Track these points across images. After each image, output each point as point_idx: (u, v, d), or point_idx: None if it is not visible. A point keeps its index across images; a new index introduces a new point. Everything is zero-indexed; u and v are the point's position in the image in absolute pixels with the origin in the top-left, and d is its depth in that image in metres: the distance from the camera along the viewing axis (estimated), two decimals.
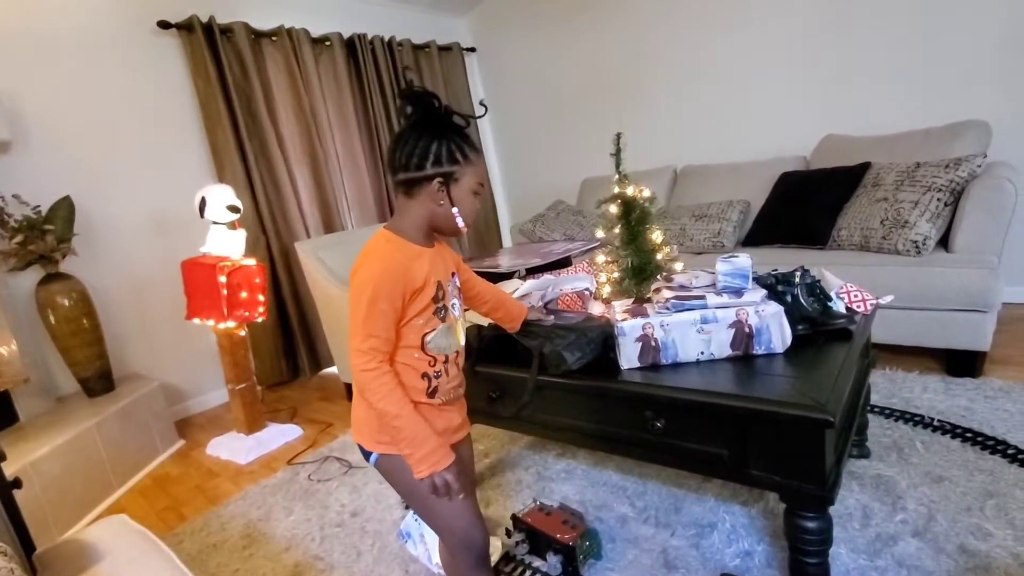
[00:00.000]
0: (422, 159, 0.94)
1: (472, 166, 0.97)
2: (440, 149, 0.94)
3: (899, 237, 2.07)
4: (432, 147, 0.93)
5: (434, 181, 0.94)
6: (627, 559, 1.35)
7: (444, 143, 0.94)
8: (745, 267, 1.21)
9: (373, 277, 0.91)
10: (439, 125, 0.95)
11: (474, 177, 0.98)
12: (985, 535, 1.26)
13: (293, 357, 3.20)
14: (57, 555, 1.03)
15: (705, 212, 2.74)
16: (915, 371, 2.04)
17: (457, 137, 0.96)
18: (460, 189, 0.96)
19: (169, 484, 2.20)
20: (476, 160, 0.98)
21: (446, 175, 0.95)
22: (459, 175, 0.96)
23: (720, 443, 1.11)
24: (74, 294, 2.27)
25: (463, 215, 0.98)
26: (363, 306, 0.90)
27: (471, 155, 0.97)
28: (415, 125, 0.95)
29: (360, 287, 0.92)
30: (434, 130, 0.95)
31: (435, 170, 0.94)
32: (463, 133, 0.97)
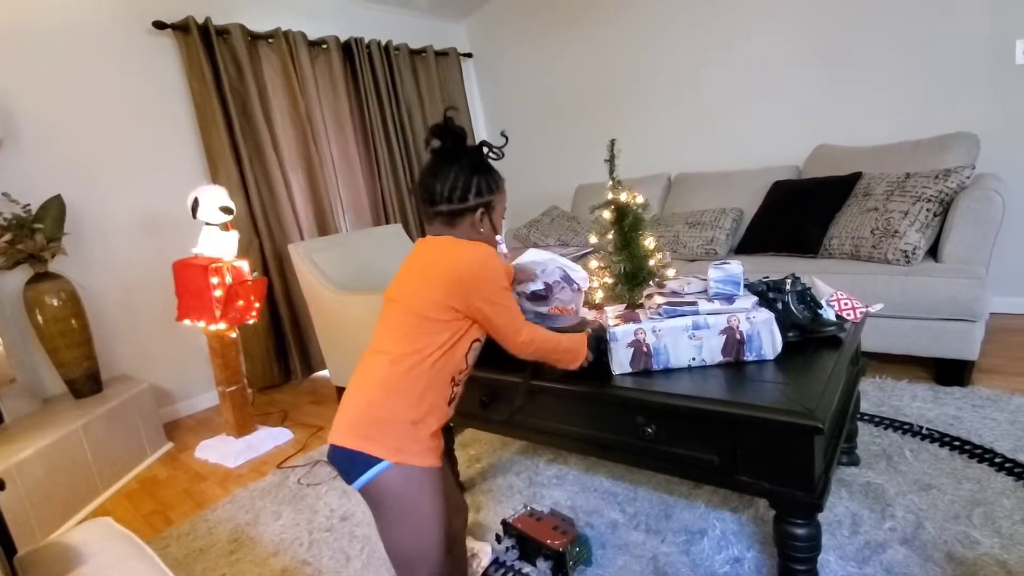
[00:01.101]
0: (465, 191, 1.02)
1: (502, 193, 1.09)
2: (481, 182, 1.03)
3: (889, 246, 2.09)
4: (474, 180, 1.02)
5: (477, 211, 1.04)
6: (617, 565, 1.35)
7: (483, 176, 1.04)
8: (737, 274, 1.21)
9: (496, 267, 1.01)
10: (476, 158, 1.04)
11: (503, 203, 1.10)
12: (972, 543, 1.26)
13: (285, 360, 3.18)
14: (39, 558, 1.02)
15: (698, 220, 2.76)
16: (904, 379, 2.06)
17: (491, 168, 1.06)
18: (496, 215, 1.08)
19: (156, 487, 2.17)
20: (503, 187, 1.10)
21: (486, 204, 1.05)
22: (495, 203, 1.07)
23: (710, 449, 1.11)
24: (63, 294, 2.25)
25: (495, 235, 1.10)
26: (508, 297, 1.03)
27: (501, 184, 1.09)
28: (451, 159, 1.03)
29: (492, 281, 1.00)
30: (472, 163, 1.03)
31: (477, 201, 1.03)
32: (492, 164, 1.07)
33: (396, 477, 0.94)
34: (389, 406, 0.96)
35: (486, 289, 0.98)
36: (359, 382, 1.02)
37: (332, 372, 2.67)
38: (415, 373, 0.97)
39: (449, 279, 0.98)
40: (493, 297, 0.98)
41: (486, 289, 0.98)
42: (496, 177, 1.07)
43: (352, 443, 0.95)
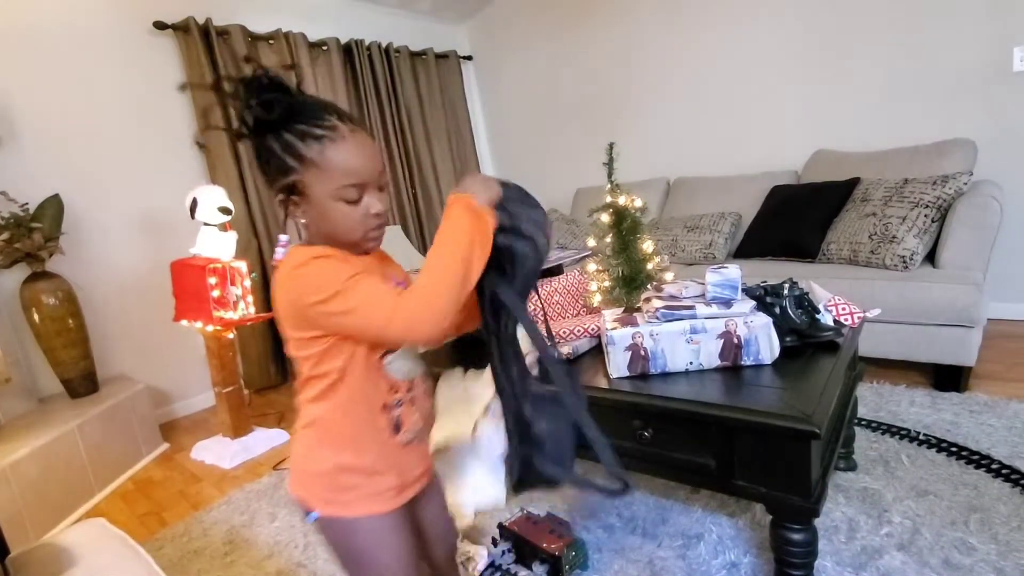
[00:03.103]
0: (263, 169, 0.73)
1: (319, 165, 0.69)
2: (273, 148, 0.70)
3: (887, 252, 2.10)
4: (263, 148, 0.71)
5: (279, 197, 0.73)
6: (613, 569, 1.34)
7: (276, 138, 0.70)
8: (734, 278, 1.21)
9: (310, 269, 0.69)
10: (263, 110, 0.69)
11: (332, 178, 0.70)
12: (969, 549, 1.26)
13: (281, 361, 3.17)
14: (31, 559, 1.01)
15: (697, 224, 2.76)
16: (902, 385, 2.06)
17: (303, 122, 0.70)
18: (318, 195, 0.71)
19: (151, 488, 2.16)
20: (316, 156, 0.69)
21: (290, 186, 0.71)
22: (309, 180, 0.70)
23: (707, 453, 1.11)
24: (60, 293, 2.24)
25: (335, 233, 0.73)
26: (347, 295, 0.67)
27: (311, 152, 0.69)
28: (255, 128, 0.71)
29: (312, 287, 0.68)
30: (257, 122, 0.70)
31: (277, 180, 0.72)
32: (302, 111, 0.70)
33: (329, 529, 0.82)
34: (312, 454, 0.80)
35: (312, 302, 0.68)
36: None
37: None
38: (327, 415, 0.78)
39: (279, 307, 0.73)
40: (329, 307, 0.67)
41: (312, 302, 0.68)
42: (300, 144, 0.69)
43: (291, 487, 0.84)
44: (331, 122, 0.70)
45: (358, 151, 0.71)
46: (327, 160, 0.69)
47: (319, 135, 0.69)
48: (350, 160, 0.71)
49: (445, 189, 4.05)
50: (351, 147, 0.71)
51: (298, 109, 0.70)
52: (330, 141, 0.69)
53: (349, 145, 0.71)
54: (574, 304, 1.64)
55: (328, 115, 0.71)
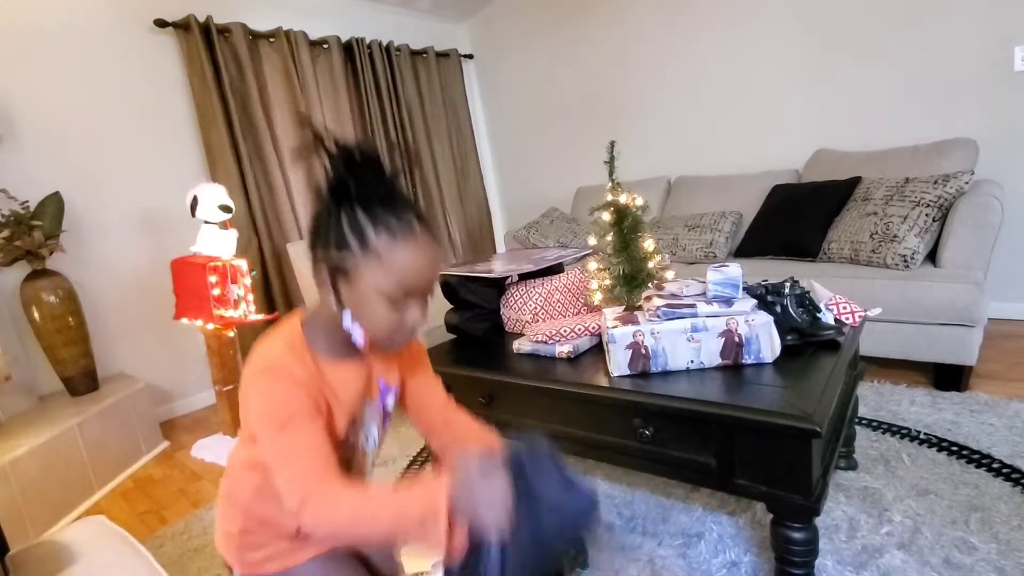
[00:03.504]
0: (313, 229, 0.69)
1: (381, 262, 0.65)
2: (339, 223, 0.66)
3: (888, 251, 2.09)
4: (327, 217, 0.67)
5: (322, 270, 0.68)
6: (614, 568, 1.34)
7: (348, 215, 0.66)
8: (735, 277, 1.21)
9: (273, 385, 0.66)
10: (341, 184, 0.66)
11: (385, 278, 0.65)
12: (970, 549, 1.26)
13: None
14: (31, 556, 1.01)
15: (698, 223, 2.76)
16: (902, 384, 2.06)
17: (380, 208, 0.66)
18: (360, 289, 0.67)
19: (151, 486, 2.16)
20: (384, 252, 0.65)
21: (336, 267, 0.67)
22: (356, 270, 0.66)
23: (708, 452, 1.10)
24: (60, 291, 2.24)
25: (367, 327, 0.69)
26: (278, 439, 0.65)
27: (380, 244, 0.65)
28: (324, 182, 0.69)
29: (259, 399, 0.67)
30: (335, 192, 0.67)
31: (322, 253, 0.68)
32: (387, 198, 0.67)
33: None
34: (224, 511, 0.79)
35: (251, 406, 0.67)
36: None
37: None
38: (245, 482, 0.76)
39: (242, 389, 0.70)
40: (263, 436, 0.66)
41: (251, 406, 0.67)
42: (371, 228, 0.65)
43: (217, 545, 0.82)
44: (409, 219, 0.67)
45: (423, 258, 0.67)
46: (390, 256, 0.65)
47: (393, 228, 0.65)
48: (412, 264, 0.66)
49: (446, 187, 4.05)
50: (418, 251, 0.67)
51: (383, 193, 0.66)
52: (401, 239, 0.65)
53: (417, 249, 0.67)
54: (575, 302, 1.64)
55: (408, 211, 0.67)
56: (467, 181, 4.26)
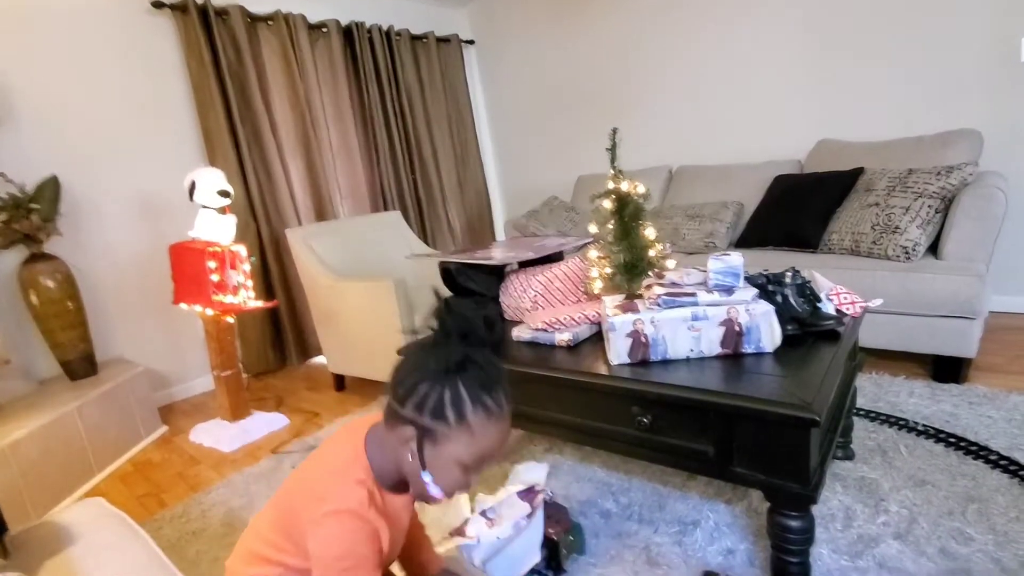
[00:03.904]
0: (408, 392, 0.71)
1: (469, 434, 0.70)
2: (439, 395, 0.69)
3: (889, 242, 2.08)
4: (428, 386, 0.70)
5: (408, 430, 0.72)
6: (610, 555, 1.35)
7: (449, 390, 0.69)
8: (737, 266, 1.20)
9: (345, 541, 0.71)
10: (458, 360, 0.69)
11: (470, 449, 0.71)
12: (966, 539, 1.27)
13: (280, 345, 3.18)
14: (31, 537, 1.01)
15: (699, 212, 2.75)
16: (901, 376, 2.06)
17: (478, 389, 0.70)
18: (441, 456, 0.71)
19: (150, 470, 2.17)
20: (478, 427, 0.70)
21: (427, 431, 0.70)
22: (445, 439, 0.70)
23: (706, 440, 1.10)
24: (58, 275, 2.23)
25: (440, 483, 0.73)
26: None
27: (476, 420, 0.69)
28: (435, 342, 0.72)
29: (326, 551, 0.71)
30: (446, 363, 0.69)
31: (414, 416, 0.70)
32: (483, 387, 0.70)
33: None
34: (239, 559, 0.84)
35: (322, 536, 0.71)
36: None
37: (328, 359, 2.66)
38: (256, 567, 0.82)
39: (291, 504, 0.78)
40: (322, 553, 0.71)
41: (322, 536, 0.71)
42: (466, 405, 0.69)
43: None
44: (501, 399, 0.72)
45: (503, 437, 0.74)
46: (481, 434, 0.70)
47: (489, 409, 0.70)
48: (497, 440, 0.73)
49: (445, 174, 4.03)
50: (502, 431, 0.73)
51: (490, 378, 0.71)
52: (495, 420, 0.71)
53: (502, 428, 0.73)
54: (575, 291, 1.63)
55: (501, 390, 0.72)
56: (467, 168, 4.23)
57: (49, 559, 0.93)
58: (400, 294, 2.11)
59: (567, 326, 1.40)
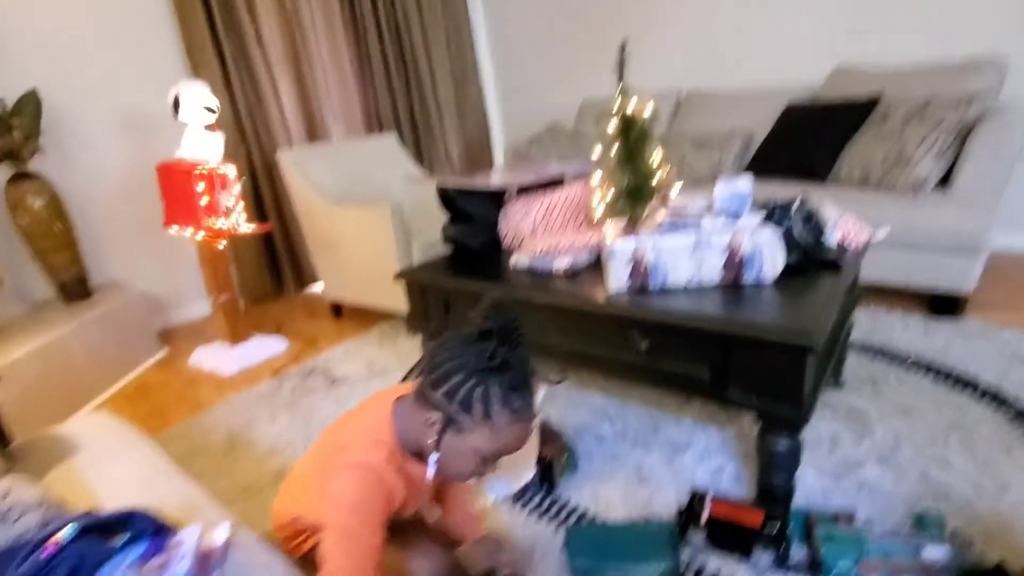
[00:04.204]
0: (441, 379, 0.73)
1: (492, 430, 0.72)
2: (470, 389, 0.71)
3: (900, 175, 2.03)
4: (463, 378, 0.71)
5: (435, 415, 0.74)
6: (603, 473, 1.39)
7: (482, 386, 0.71)
8: (744, 191, 1.17)
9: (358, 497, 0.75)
10: (496, 362, 0.71)
11: (490, 445, 0.74)
12: (947, 465, 1.31)
13: (277, 272, 3.16)
14: (35, 447, 1.03)
15: (706, 141, 2.65)
16: (897, 310, 2.07)
17: (509, 389, 0.71)
18: (461, 447, 0.75)
19: (151, 391, 2.21)
20: (504, 427, 0.72)
21: (451, 421, 0.73)
22: (469, 432, 0.73)
23: (703, 365, 1.11)
24: (45, 195, 2.16)
25: (446, 467, 0.78)
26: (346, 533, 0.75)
27: (502, 420, 0.72)
28: (478, 338, 0.72)
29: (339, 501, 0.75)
30: (484, 362, 0.71)
31: (444, 401, 0.73)
32: (517, 387, 0.72)
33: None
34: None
35: (335, 487, 0.75)
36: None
37: (326, 286, 2.65)
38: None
39: (323, 457, 0.84)
40: (333, 501, 0.75)
41: (335, 487, 0.75)
42: (493, 404, 0.71)
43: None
44: (528, 402, 0.74)
45: (525, 437, 0.76)
46: (504, 432, 0.73)
47: (516, 410, 0.72)
48: (518, 440, 0.76)
49: (443, 99, 3.85)
50: (524, 431, 0.75)
51: (522, 381, 0.73)
52: (518, 421, 0.73)
53: (524, 429, 0.75)
54: (575, 218, 1.60)
55: (530, 395, 0.74)
56: (465, 93, 4.04)
57: (55, 467, 0.95)
58: (397, 220, 2.06)
59: (566, 253, 1.38)
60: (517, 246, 1.58)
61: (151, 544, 0.69)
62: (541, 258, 1.39)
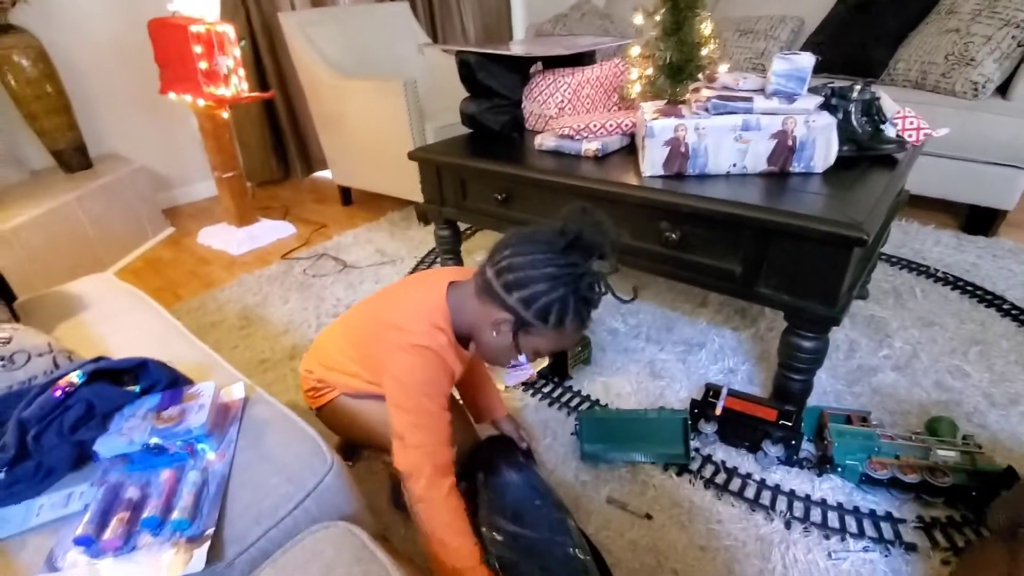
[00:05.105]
0: (517, 284, 0.71)
1: (558, 333, 0.74)
2: (546, 296, 0.70)
3: (959, 76, 1.86)
4: (539, 286, 0.70)
5: (504, 315, 0.74)
6: (615, 367, 1.39)
7: (557, 295, 0.70)
8: (805, 68, 1.04)
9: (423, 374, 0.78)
10: (574, 275, 0.70)
11: (551, 345, 0.78)
12: (963, 375, 1.30)
13: (283, 154, 3.02)
14: (40, 304, 1.01)
15: (752, 27, 2.41)
16: (931, 225, 1.98)
17: (579, 303, 0.71)
18: (525, 346, 0.78)
19: (162, 267, 2.19)
20: (568, 332, 0.75)
21: (523, 324, 0.74)
22: (537, 335, 0.75)
23: (735, 259, 1.05)
24: (31, 51, 2.00)
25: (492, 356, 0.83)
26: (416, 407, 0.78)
27: (570, 328, 0.73)
28: (561, 247, 0.70)
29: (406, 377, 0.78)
30: (563, 274, 0.70)
31: (518, 306, 0.72)
32: (586, 301, 0.73)
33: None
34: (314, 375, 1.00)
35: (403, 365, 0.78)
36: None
37: (333, 170, 2.54)
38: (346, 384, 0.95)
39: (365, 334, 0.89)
40: (402, 381, 0.78)
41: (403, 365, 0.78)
42: (569, 315, 0.71)
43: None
44: (593, 312, 0.75)
45: (580, 335, 0.82)
46: (569, 337, 0.77)
47: (584, 321, 0.74)
48: (573, 341, 0.83)
49: None
50: (581, 334, 0.84)
51: (598, 291, 0.73)
52: (582, 328, 0.76)
53: (581, 332, 0.78)
54: (606, 99, 1.47)
55: (594, 308, 0.75)
56: None
57: (62, 322, 0.93)
58: (410, 97, 1.91)
59: (596, 134, 1.27)
60: (542, 127, 1.47)
61: (167, 395, 0.67)
62: (568, 139, 1.29)
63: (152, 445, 0.62)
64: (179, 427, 0.63)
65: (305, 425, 0.72)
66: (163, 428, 0.63)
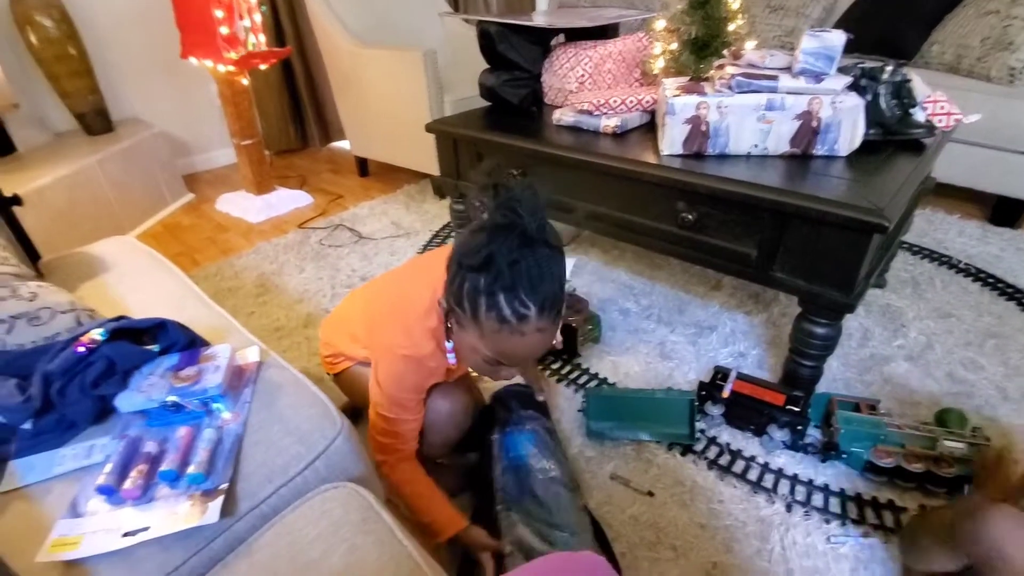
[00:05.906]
0: (452, 274, 0.67)
1: (479, 330, 0.65)
2: (469, 287, 0.64)
3: (995, 61, 1.80)
4: (465, 277, 0.64)
5: (441, 305, 0.72)
6: (625, 346, 1.40)
7: (479, 282, 0.62)
8: (835, 47, 1.01)
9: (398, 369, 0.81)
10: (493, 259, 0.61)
11: (482, 346, 0.67)
12: (977, 368, 1.28)
13: (301, 123, 3.03)
14: (63, 264, 1.03)
15: (783, 3, 2.33)
16: (956, 214, 1.94)
17: (504, 288, 0.61)
18: (460, 342, 0.73)
19: (181, 232, 2.22)
20: (489, 327, 0.64)
21: (452, 314, 0.70)
22: (465, 328, 0.68)
23: (751, 242, 1.04)
24: (54, 12, 2.01)
25: (461, 358, 0.79)
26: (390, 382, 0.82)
27: (487, 322, 0.63)
28: (490, 229, 0.63)
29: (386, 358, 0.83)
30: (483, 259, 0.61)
31: (448, 297, 0.68)
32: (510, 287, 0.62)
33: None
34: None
35: (385, 369, 0.82)
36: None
37: (351, 140, 2.54)
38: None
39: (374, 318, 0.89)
40: (374, 392, 0.83)
41: (385, 369, 0.82)
42: (484, 306, 0.63)
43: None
44: (527, 312, 0.62)
45: (523, 346, 0.65)
46: (493, 337, 0.65)
47: (504, 316, 0.62)
48: (509, 348, 0.66)
49: None
50: (519, 341, 0.64)
51: (519, 278, 0.61)
52: (509, 329, 0.63)
53: (519, 339, 0.64)
54: (628, 75, 1.44)
55: (532, 302, 0.62)
56: None
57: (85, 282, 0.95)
58: (430, 68, 1.89)
59: (616, 111, 1.25)
60: (562, 101, 1.45)
61: (184, 355, 0.69)
62: (587, 115, 1.27)
63: (170, 403, 0.64)
64: (196, 386, 0.65)
65: (317, 390, 0.73)
66: (181, 387, 0.65)
